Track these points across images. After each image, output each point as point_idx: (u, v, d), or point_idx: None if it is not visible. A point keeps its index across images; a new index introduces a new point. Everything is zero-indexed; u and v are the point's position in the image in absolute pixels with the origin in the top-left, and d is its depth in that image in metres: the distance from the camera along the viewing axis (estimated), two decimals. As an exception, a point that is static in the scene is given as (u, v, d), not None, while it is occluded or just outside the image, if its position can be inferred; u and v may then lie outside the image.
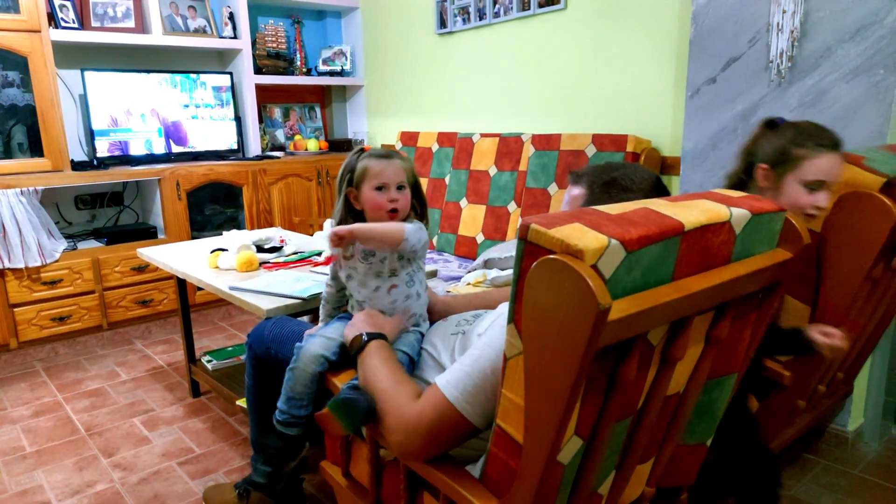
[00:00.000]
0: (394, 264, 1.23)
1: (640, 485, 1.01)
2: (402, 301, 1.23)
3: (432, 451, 0.93)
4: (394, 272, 1.23)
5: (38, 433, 2.05)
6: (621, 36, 2.30)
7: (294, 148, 3.54)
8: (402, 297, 1.23)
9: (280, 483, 1.50)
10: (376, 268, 1.23)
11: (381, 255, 1.22)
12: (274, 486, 1.49)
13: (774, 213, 0.85)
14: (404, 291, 1.23)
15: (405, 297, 1.23)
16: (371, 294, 1.23)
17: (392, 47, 3.40)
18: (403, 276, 1.24)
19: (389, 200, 1.21)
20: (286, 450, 1.48)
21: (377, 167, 1.21)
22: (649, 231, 0.68)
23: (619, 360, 0.73)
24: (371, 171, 1.21)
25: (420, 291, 1.26)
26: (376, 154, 1.23)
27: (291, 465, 1.49)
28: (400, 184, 1.22)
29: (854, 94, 1.60)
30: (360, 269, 1.24)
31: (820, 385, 1.42)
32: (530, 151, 2.50)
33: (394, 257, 1.22)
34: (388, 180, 1.21)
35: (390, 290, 1.23)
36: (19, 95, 2.58)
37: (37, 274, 2.56)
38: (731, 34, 1.81)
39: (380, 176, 1.21)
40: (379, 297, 1.23)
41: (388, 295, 1.23)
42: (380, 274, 1.23)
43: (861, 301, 1.28)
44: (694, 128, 1.94)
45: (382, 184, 1.21)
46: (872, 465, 1.72)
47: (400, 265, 1.23)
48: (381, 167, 1.21)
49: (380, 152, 1.23)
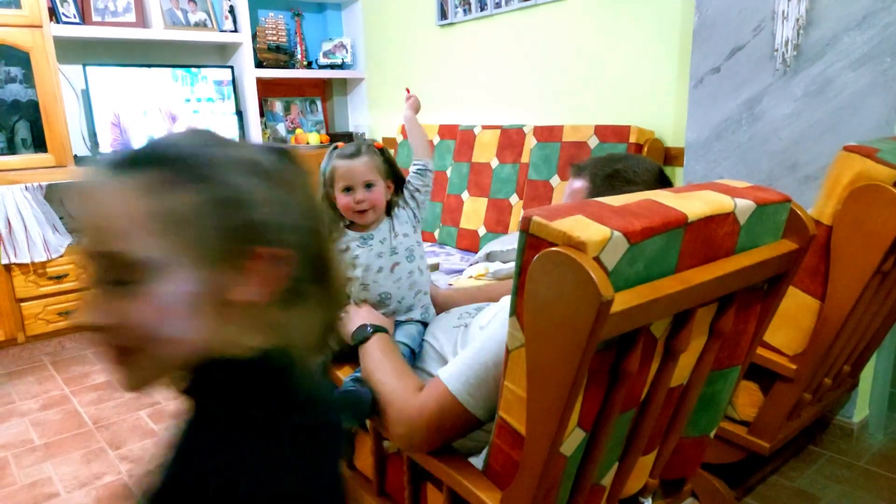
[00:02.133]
0: (414, 237, 1.24)
1: (643, 477, 1.01)
2: (406, 278, 1.24)
3: (435, 444, 0.93)
4: (394, 250, 1.23)
5: (47, 426, 2.06)
6: (624, 25, 2.28)
7: (295, 142, 3.53)
8: (405, 274, 1.24)
9: None
10: (377, 249, 1.23)
11: (380, 236, 1.23)
12: None
13: (779, 203, 0.85)
14: (407, 268, 1.24)
15: (409, 273, 1.24)
16: (375, 276, 1.24)
17: (393, 39, 3.39)
18: (403, 252, 1.24)
19: (356, 202, 1.20)
20: None
21: (341, 168, 1.20)
22: (652, 223, 0.67)
23: (622, 353, 0.72)
24: (337, 173, 1.21)
25: (422, 267, 1.27)
26: (343, 154, 1.22)
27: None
28: (368, 182, 1.21)
29: (861, 82, 1.59)
30: (362, 256, 1.24)
31: (826, 378, 1.42)
32: (532, 143, 2.49)
33: (411, 230, 1.23)
34: (353, 181, 1.20)
35: (393, 268, 1.23)
36: (22, 91, 2.58)
37: (42, 269, 2.57)
38: (735, 23, 1.79)
39: (345, 177, 1.20)
40: (383, 277, 1.23)
41: (392, 273, 1.23)
42: (381, 255, 1.23)
43: (870, 294, 1.27)
44: (697, 118, 1.92)
45: (348, 185, 1.20)
46: (877, 457, 1.72)
47: (398, 242, 1.24)
48: (345, 168, 1.20)
49: (347, 151, 1.22)
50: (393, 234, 1.22)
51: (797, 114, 1.71)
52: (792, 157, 1.74)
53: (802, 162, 1.72)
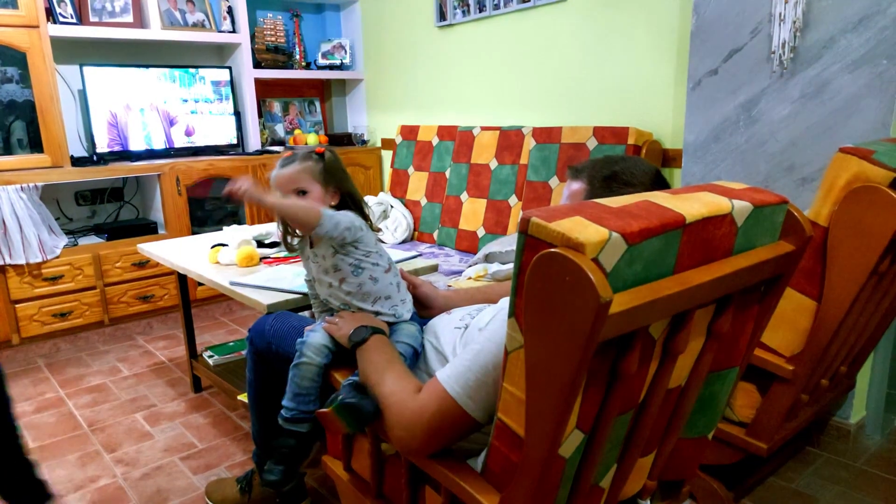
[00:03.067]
0: (332, 259, 1.22)
1: (642, 478, 1.01)
2: (357, 291, 1.23)
3: (434, 447, 0.93)
4: (336, 267, 1.22)
5: (41, 429, 2.05)
6: (622, 27, 2.28)
7: (294, 142, 3.53)
8: (355, 287, 1.23)
9: (293, 481, 1.49)
10: (322, 264, 1.23)
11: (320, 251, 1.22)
12: (287, 483, 1.49)
13: (777, 205, 0.85)
14: (356, 281, 1.23)
15: (358, 286, 1.23)
16: (328, 291, 1.25)
17: (391, 40, 3.39)
18: (347, 268, 1.22)
19: None
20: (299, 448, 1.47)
21: (273, 177, 1.22)
22: (650, 224, 0.67)
23: (621, 354, 0.72)
24: (272, 183, 1.22)
25: (375, 275, 1.24)
26: (281, 161, 1.23)
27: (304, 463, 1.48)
28: (299, 188, 1.21)
29: (857, 84, 1.59)
30: (313, 269, 1.24)
31: (823, 379, 1.42)
32: (531, 144, 2.49)
33: (329, 253, 1.22)
34: (283, 188, 1.21)
35: (341, 283, 1.23)
36: (18, 91, 2.57)
37: (38, 270, 2.56)
38: (732, 25, 1.79)
39: (276, 185, 1.21)
40: (334, 292, 1.24)
41: (341, 288, 1.23)
42: (327, 271, 1.23)
43: (866, 295, 1.27)
44: (695, 120, 1.93)
45: (282, 193, 1.21)
46: (874, 458, 1.72)
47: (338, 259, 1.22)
48: (275, 176, 1.22)
49: (285, 158, 1.23)
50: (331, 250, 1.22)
51: (794, 116, 1.71)
52: (789, 159, 1.74)
53: (799, 164, 1.73)
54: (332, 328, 1.20)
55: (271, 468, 1.47)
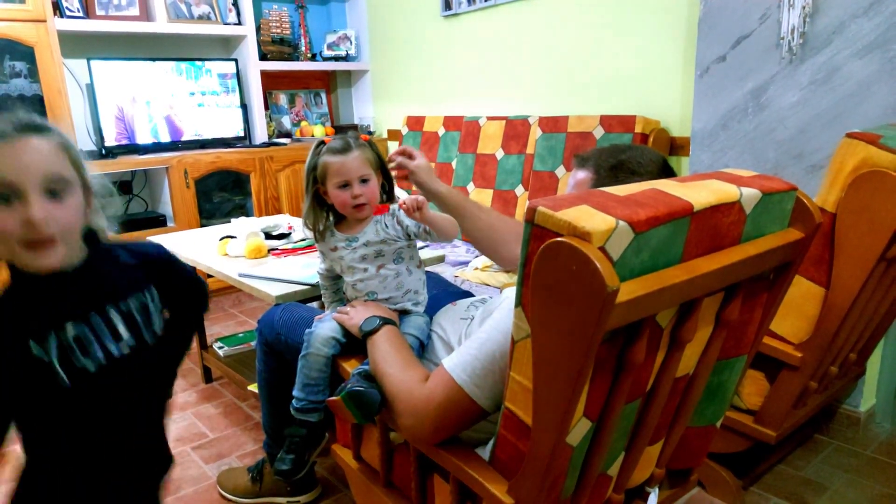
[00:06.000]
0: (378, 246, 1.23)
1: (650, 467, 1.01)
2: (392, 278, 1.24)
3: (441, 435, 0.94)
4: (379, 252, 1.23)
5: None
6: (629, 15, 2.26)
7: (300, 134, 3.53)
8: (392, 275, 1.24)
9: (303, 470, 1.51)
10: (361, 252, 1.23)
11: (364, 239, 1.23)
12: (298, 472, 1.50)
13: (785, 192, 0.84)
14: (394, 269, 1.24)
15: (395, 275, 1.24)
16: (362, 275, 1.24)
17: (397, 31, 3.37)
18: (391, 254, 1.24)
19: (353, 197, 1.19)
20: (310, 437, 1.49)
21: (335, 164, 1.19)
22: (658, 212, 0.67)
23: (628, 343, 0.73)
24: (331, 169, 1.19)
25: (411, 267, 1.26)
26: (334, 149, 1.20)
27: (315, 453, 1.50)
28: (363, 176, 1.20)
29: (868, 70, 1.57)
30: (347, 258, 1.24)
31: (832, 366, 1.41)
32: (537, 134, 2.48)
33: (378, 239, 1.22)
34: (349, 176, 1.19)
35: (379, 269, 1.23)
36: (27, 86, 2.59)
37: (49, 263, 2.58)
38: (740, 11, 1.77)
39: (340, 173, 1.19)
40: (369, 276, 1.24)
41: (378, 274, 1.23)
42: (365, 258, 1.23)
43: (874, 282, 1.26)
44: (703, 107, 1.91)
45: (344, 181, 1.19)
46: (884, 446, 1.72)
47: (385, 247, 1.23)
48: (339, 164, 1.19)
49: (337, 146, 1.21)
50: (378, 237, 1.22)
51: (803, 102, 1.70)
52: (798, 146, 1.73)
53: (808, 151, 1.71)
54: (344, 318, 1.21)
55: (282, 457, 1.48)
